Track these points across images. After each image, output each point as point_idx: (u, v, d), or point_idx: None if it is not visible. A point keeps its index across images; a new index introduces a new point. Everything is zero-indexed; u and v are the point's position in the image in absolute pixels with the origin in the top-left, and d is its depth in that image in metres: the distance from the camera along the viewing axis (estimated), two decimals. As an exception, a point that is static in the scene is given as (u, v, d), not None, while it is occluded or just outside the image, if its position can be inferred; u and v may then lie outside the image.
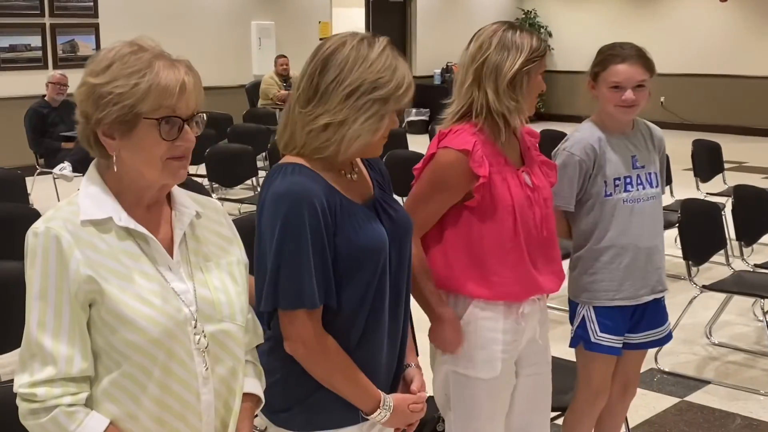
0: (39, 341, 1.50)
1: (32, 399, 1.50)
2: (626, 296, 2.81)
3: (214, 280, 1.65)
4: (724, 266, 4.97)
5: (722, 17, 14.00)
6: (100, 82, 1.54)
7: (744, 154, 11.48)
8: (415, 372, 2.04)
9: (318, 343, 1.83)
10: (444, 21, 14.88)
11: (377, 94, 1.79)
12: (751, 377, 4.38)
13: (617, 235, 2.77)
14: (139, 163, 1.57)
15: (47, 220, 1.54)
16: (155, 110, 1.53)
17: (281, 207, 1.78)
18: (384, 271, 1.87)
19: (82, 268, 1.51)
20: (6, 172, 5.56)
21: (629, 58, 2.72)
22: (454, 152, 2.30)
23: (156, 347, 1.54)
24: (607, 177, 2.76)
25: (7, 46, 9.89)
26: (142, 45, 1.59)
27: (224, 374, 1.65)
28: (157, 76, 1.54)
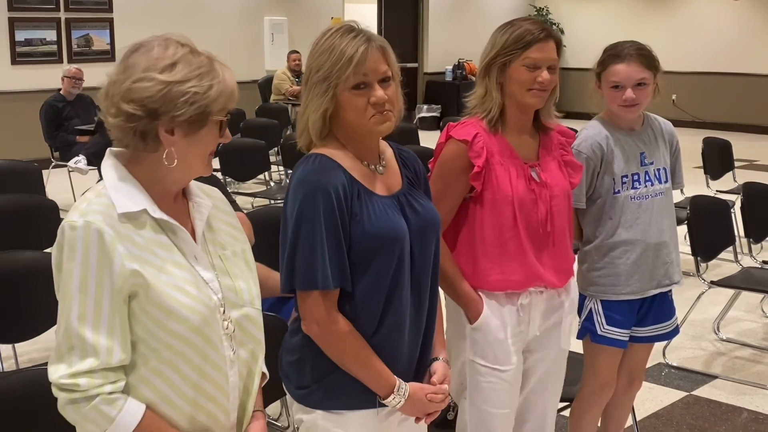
0: (80, 333, 1.53)
1: (74, 389, 1.54)
2: (633, 290, 2.85)
3: (233, 268, 1.72)
4: (733, 263, 5.01)
5: (734, 15, 13.99)
6: (174, 80, 1.56)
7: (755, 152, 11.49)
8: (440, 365, 2.09)
9: (330, 323, 1.90)
10: (456, 18, 14.91)
11: (316, 76, 1.91)
12: (758, 372, 4.42)
13: (625, 231, 2.81)
14: (193, 157, 1.63)
15: (84, 214, 1.56)
16: (220, 111, 1.61)
17: (299, 193, 1.88)
18: (401, 262, 1.94)
19: (127, 262, 1.55)
20: (23, 165, 5.65)
21: (627, 57, 2.74)
22: (455, 143, 2.39)
23: (196, 335, 1.61)
24: (615, 174, 2.80)
25: (23, 41, 9.99)
26: (187, 44, 1.63)
27: (246, 357, 1.72)
28: (224, 80, 1.61)
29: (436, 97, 14.56)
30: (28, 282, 3.32)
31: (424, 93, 14.79)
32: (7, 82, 9.88)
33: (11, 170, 5.45)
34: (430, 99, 14.64)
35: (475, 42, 14.91)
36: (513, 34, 2.38)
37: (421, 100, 14.72)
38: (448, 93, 14.39)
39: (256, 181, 7.86)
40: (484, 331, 2.42)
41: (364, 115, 1.91)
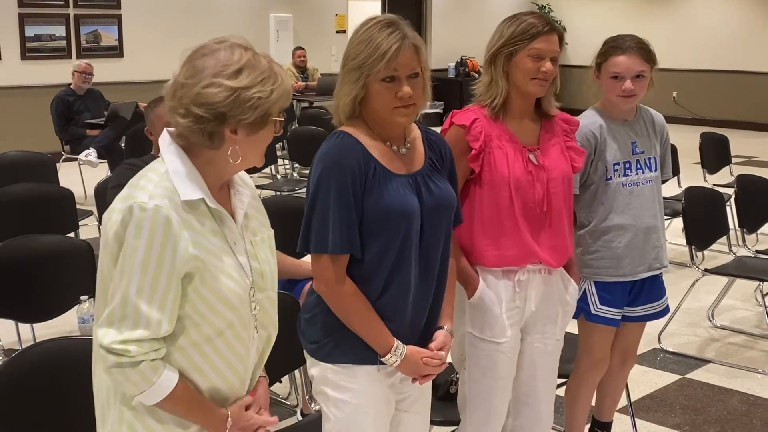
0: (136, 305, 1.67)
1: (124, 354, 1.68)
2: (625, 273, 3.00)
3: (261, 253, 1.87)
4: (728, 254, 5.15)
5: (734, 14, 14.10)
6: (242, 86, 1.69)
7: (754, 149, 11.62)
8: (442, 333, 2.26)
9: (337, 284, 2.10)
10: (459, 15, 15.05)
11: (352, 63, 2.09)
12: (750, 357, 4.57)
13: (617, 216, 2.96)
14: (252, 153, 1.77)
15: (153, 197, 1.68)
16: (279, 112, 1.76)
17: (319, 167, 2.10)
18: (408, 236, 2.11)
19: (190, 247, 1.69)
20: (38, 156, 5.81)
21: (628, 49, 2.89)
22: (456, 127, 2.58)
23: (235, 315, 1.77)
24: (607, 162, 2.94)
25: (33, 36, 10.14)
26: (248, 47, 1.76)
27: (264, 336, 1.89)
28: (282, 83, 1.75)
29: (439, 93, 14.66)
30: (49, 265, 3.48)
31: (427, 89, 14.88)
32: (17, 77, 10.03)
33: (27, 161, 5.62)
34: (433, 95, 14.73)
35: (477, 39, 15.03)
36: (519, 26, 2.54)
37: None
38: (451, 89, 14.51)
39: (262, 175, 8.02)
40: (481, 306, 2.58)
41: (389, 106, 2.08)
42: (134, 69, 10.71)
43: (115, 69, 10.54)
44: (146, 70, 10.50)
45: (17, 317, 3.63)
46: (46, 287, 3.46)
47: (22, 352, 2.30)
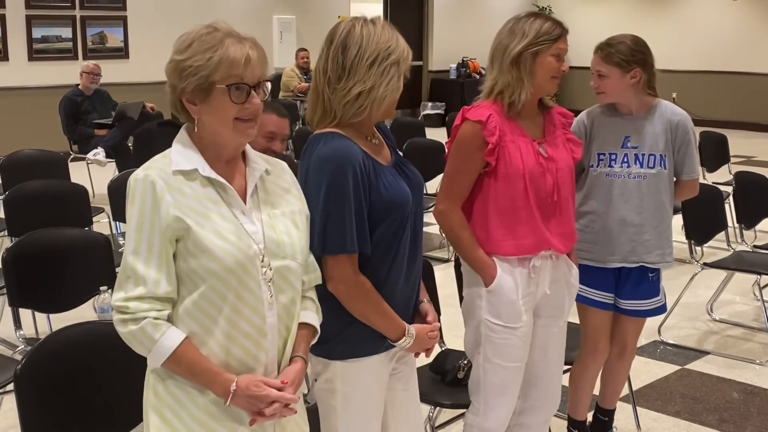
0: (133, 266, 1.83)
1: (125, 311, 1.83)
2: (594, 258, 3.13)
3: (279, 225, 1.97)
4: (726, 251, 5.27)
5: (734, 15, 14.22)
6: (182, 58, 1.87)
7: (753, 149, 11.74)
8: (428, 306, 2.38)
9: (356, 283, 2.16)
10: (460, 17, 15.16)
11: (392, 59, 2.14)
12: (748, 349, 4.68)
13: (593, 203, 3.10)
14: (216, 123, 1.90)
15: (146, 169, 1.87)
16: (225, 78, 1.86)
17: (327, 168, 2.11)
18: (406, 222, 2.22)
19: (171, 209, 1.83)
20: (50, 154, 5.93)
21: (596, 49, 3.11)
22: (470, 123, 2.67)
23: (229, 274, 1.86)
24: (592, 150, 3.10)
25: (40, 38, 10.26)
26: (216, 26, 1.92)
27: (286, 302, 1.97)
28: (226, 51, 1.86)
29: (441, 94, 14.80)
30: (68, 257, 3.59)
31: (428, 90, 15.04)
32: (24, 78, 10.15)
33: (39, 159, 5.74)
34: (434, 96, 14.89)
35: (478, 41, 15.16)
36: (543, 25, 2.66)
37: (426, 97, 14.97)
38: (453, 90, 14.63)
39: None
40: (498, 293, 2.69)
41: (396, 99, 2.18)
42: (139, 70, 10.83)
43: (120, 70, 10.66)
44: (151, 71, 10.59)
45: (37, 307, 3.74)
46: (65, 278, 3.56)
47: (49, 337, 2.40)
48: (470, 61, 14.87)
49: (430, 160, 6.76)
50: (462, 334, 3.49)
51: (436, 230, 6.77)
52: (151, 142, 7.76)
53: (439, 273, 3.24)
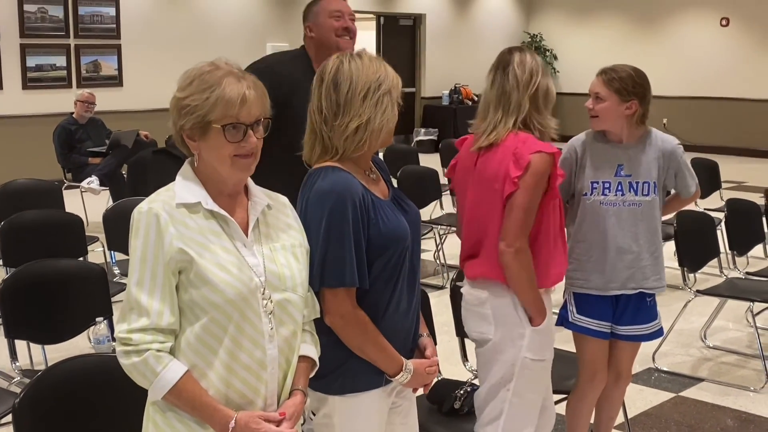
0: (137, 297, 1.86)
1: (128, 342, 1.85)
2: (594, 287, 3.15)
3: (280, 258, 2.00)
4: (719, 277, 5.29)
5: (723, 41, 14.36)
6: (182, 96, 1.92)
7: (744, 174, 11.81)
8: (428, 341, 2.38)
9: (353, 316, 2.17)
10: (452, 44, 15.27)
11: (383, 89, 2.17)
12: (742, 375, 4.70)
13: (590, 232, 3.13)
14: (214, 160, 1.94)
15: (150, 202, 1.91)
16: (221, 119, 1.90)
17: (327, 202, 2.13)
18: (404, 256, 2.23)
19: (174, 241, 1.87)
20: (45, 183, 5.94)
21: (600, 72, 3.15)
22: (547, 155, 2.66)
23: (231, 307, 1.89)
24: (585, 179, 3.13)
25: (34, 66, 10.29)
26: (217, 65, 1.95)
27: (287, 335, 1.99)
28: (223, 91, 1.90)
29: (434, 120, 14.88)
30: (60, 288, 3.59)
31: (421, 117, 15.11)
32: (18, 107, 10.17)
33: (34, 189, 5.75)
34: (427, 123, 14.96)
35: (471, 67, 15.30)
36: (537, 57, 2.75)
37: (419, 123, 15.04)
38: (445, 117, 14.71)
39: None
40: (545, 331, 2.74)
41: (393, 128, 2.21)
42: (133, 98, 10.87)
43: (114, 98, 10.69)
44: (145, 99, 10.65)
45: (33, 338, 3.73)
46: (61, 310, 3.56)
47: (48, 370, 2.39)
48: (462, 88, 14.97)
49: (425, 188, 6.80)
50: (458, 362, 3.51)
51: (430, 257, 6.80)
52: (145, 170, 7.78)
53: (434, 300, 3.25)
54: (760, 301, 4.72)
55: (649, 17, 14.94)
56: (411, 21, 14.96)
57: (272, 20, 12.66)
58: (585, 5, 15.68)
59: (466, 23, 15.46)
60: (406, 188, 6.03)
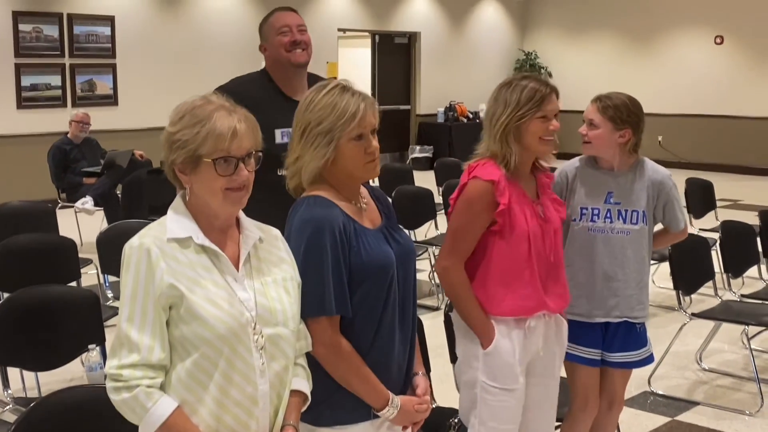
0: (127, 333, 1.85)
1: (118, 378, 1.84)
2: (579, 313, 3.12)
3: (271, 292, 1.99)
4: (714, 297, 5.29)
5: (718, 59, 14.41)
6: (173, 130, 1.93)
7: (739, 192, 11.83)
8: (422, 379, 2.37)
9: (335, 345, 2.16)
10: (447, 61, 15.32)
11: (319, 128, 2.17)
12: (738, 399, 4.68)
13: (576, 257, 3.11)
14: (205, 193, 1.94)
15: (141, 237, 1.91)
16: (212, 152, 1.90)
17: (305, 231, 2.15)
18: (391, 286, 2.22)
19: (165, 276, 1.86)
20: (39, 205, 5.93)
21: (594, 99, 3.14)
22: (482, 182, 2.69)
23: (221, 342, 1.88)
24: (574, 204, 3.12)
25: (29, 86, 10.29)
26: (209, 99, 1.96)
27: (278, 370, 1.98)
28: (213, 124, 1.90)
29: (429, 138, 14.91)
30: (53, 315, 3.57)
31: (416, 134, 15.14)
32: (13, 126, 10.16)
33: (28, 211, 5.74)
34: (422, 140, 14.99)
35: (465, 85, 15.35)
36: (524, 92, 2.68)
37: (414, 141, 15.06)
38: (440, 134, 14.75)
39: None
40: (495, 356, 2.70)
41: (361, 162, 2.20)
42: (129, 117, 10.87)
43: (110, 117, 10.69)
44: (140, 118, 10.65)
45: (26, 365, 3.71)
46: (54, 336, 3.54)
47: (40, 402, 2.39)
48: (457, 105, 15.00)
49: (419, 208, 6.81)
50: (452, 387, 3.49)
51: (425, 277, 6.79)
52: (140, 190, 7.78)
53: (428, 321, 3.24)
54: (755, 325, 4.71)
55: (643, 35, 15.00)
56: (406, 39, 15.01)
57: (267, 39, 12.67)
58: (580, 23, 15.74)
59: (461, 41, 15.51)
60: (401, 208, 6.03)
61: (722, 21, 14.24)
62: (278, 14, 3.39)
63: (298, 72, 3.34)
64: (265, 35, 3.38)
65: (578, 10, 15.68)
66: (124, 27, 11.04)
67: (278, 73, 3.33)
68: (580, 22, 15.72)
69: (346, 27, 13.87)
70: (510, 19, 16.29)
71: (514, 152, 2.68)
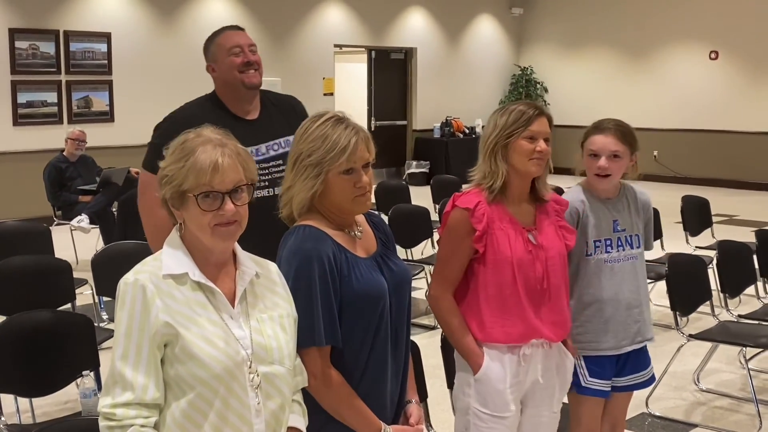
0: (121, 371, 1.83)
1: (111, 417, 1.82)
2: (609, 347, 3.10)
3: (267, 329, 1.97)
4: (710, 317, 5.27)
5: (712, 74, 14.45)
6: (163, 165, 1.93)
7: (735, 208, 11.83)
8: (415, 407, 2.36)
9: (326, 376, 2.15)
10: (443, 77, 15.34)
11: (309, 160, 2.18)
12: (735, 421, 4.66)
13: (598, 291, 3.07)
14: (195, 229, 1.92)
15: (136, 273, 1.88)
16: (195, 188, 1.88)
17: (294, 262, 2.15)
18: (383, 315, 2.21)
19: (161, 314, 1.84)
20: (34, 225, 5.90)
21: (606, 129, 3.05)
22: (459, 210, 2.72)
23: (217, 382, 1.86)
24: (588, 238, 3.07)
25: (25, 102, 10.28)
26: (201, 133, 1.95)
27: (274, 408, 1.95)
28: (195, 159, 1.88)
29: (425, 153, 14.92)
30: (46, 341, 3.55)
31: (413, 149, 15.14)
32: (8, 143, 10.15)
33: (23, 231, 5.72)
34: (419, 155, 15.00)
35: (462, 100, 15.38)
36: (512, 114, 2.72)
37: (410, 156, 15.07)
38: (437, 149, 14.75)
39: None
40: (485, 382, 2.69)
41: (350, 196, 2.20)
42: (125, 133, 10.86)
43: (106, 134, 10.69)
44: (137, 135, 10.58)
45: (20, 392, 3.69)
46: (47, 362, 3.51)
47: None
48: (454, 120, 15.02)
49: (416, 226, 6.79)
50: (448, 409, 3.47)
51: (422, 295, 6.77)
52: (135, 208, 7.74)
53: (424, 341, 3.22)
54: (753, 346, 4.69)
55: (639, 50, 15.04)
56: (402, 54, 15.03)
57: (264, 54, 12.61)
58: (575, 38, 15.78)
59: (457, 56, 15.54)
60: (397, 228, 6.00)
61: (717, 36, 14.29)
62: (228, 33, 3.26)
63: (250, 93, 3.23)
64: (214, 55, 3.25)
65: (574, 26, 15.73)
66: (120, 44, 11.05)
67: (229, 94, 3.22)
68: (575, 37, 15.76)
69: (342, 42, 13.90)
70: (506, 35, 16.33)
71: (501, 171, 2.70)
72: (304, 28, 13.31)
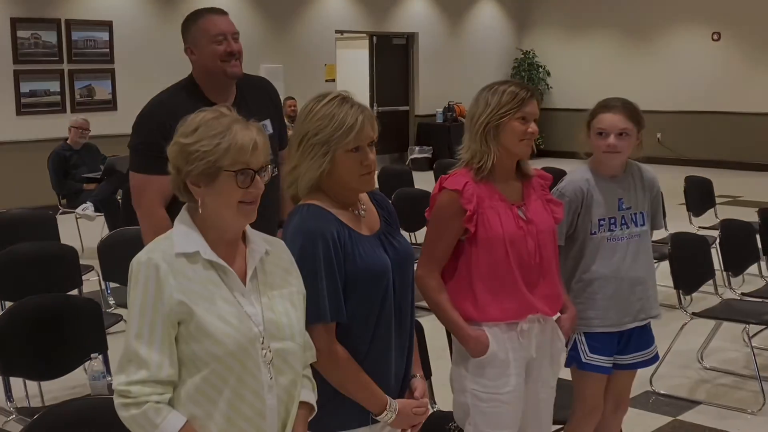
0: (135, 349, 1.85)
1: (126, 395, 1.85)
2: (611, 324, 3.12)
3: (278, 306, 1.99)
4: (714, 296, 5.30)
5: (715, 56, 14.42)
6: (189, 142, 1.91)
7: (739, 189, 11.83)
8: (419, 381, 2.40)
9: (332, 352, 2.19)
10: (445, 62, 15.32)
11: (316, 139, 2.19)
12: (739, 398, 4.69)
13: (601, 269, 3.09)
14: (220, 206, 1.93)
15: (149, 252, 1.90)
16: (233, 164, 1.90)
17: (298, 240, 2.18)
18: (387, 292, 2.25)
19: (175, 293, 1.86)
20: (39, 213, 5.93)
21: (614, 108, 3.06)
22: (448, 192, 2.72)
23: (232, 359, 1.89)
24: (592, 217, 3.09)
25: (28, 92, 10.31)
26: (222, 111, 1.96)
27: (286, 384, 1.98)
28: (235, 137, 1.90)
29: (428, 138, 14.93)
30: (55, 324, 3.58)
31: (416, 135, 15.15)
32: (12, 132, 10.18)
33: (28, 218, 5.75)
34: (421, 140, 15.00)
35: (464, 85, 15.33)
36: (505, 94, 2.70)
37: (413, 141, 15.08)
38: (439, 134, 14.77)
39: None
40: (485, 362, 2.71)
41: (357, 173, 2.22)
42: (128, 121, 10.74)
43: (109, 122, 10.70)
44: (140, 123, 10.64)
45: (28, 375, 3.72)
46: (56, 346, 3.55)
47: (44, 413, 2.40)
48: (456, 105, 15.01)
49: (419, 210, 6.76)
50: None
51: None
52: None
53: (429, 324, 3.23)
54: (756, 323, 4.72)
55: (641, 32, 15.01)
56: (404, 40, 15.02)
57: (266, 41, 12.69)
58: (577, 21, 15.75)
59: (459, 41, 15.52)
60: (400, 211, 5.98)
61: (719, 18, 14.25)
62: (211, 18, 3.14)
63: (230, 81, 3.16)
64: (195, 39, 3.13)
65: (576, 8, 15.69)
66: (122, 32, 11.06)
67: (208, 81, 3.15)
68: (577, 20, 15.73)
69: (343, 28, 13.89)
70: (507, 19, 16.29)
71: (492, 151, 2.70)
72: (306, 15, 13.30)
